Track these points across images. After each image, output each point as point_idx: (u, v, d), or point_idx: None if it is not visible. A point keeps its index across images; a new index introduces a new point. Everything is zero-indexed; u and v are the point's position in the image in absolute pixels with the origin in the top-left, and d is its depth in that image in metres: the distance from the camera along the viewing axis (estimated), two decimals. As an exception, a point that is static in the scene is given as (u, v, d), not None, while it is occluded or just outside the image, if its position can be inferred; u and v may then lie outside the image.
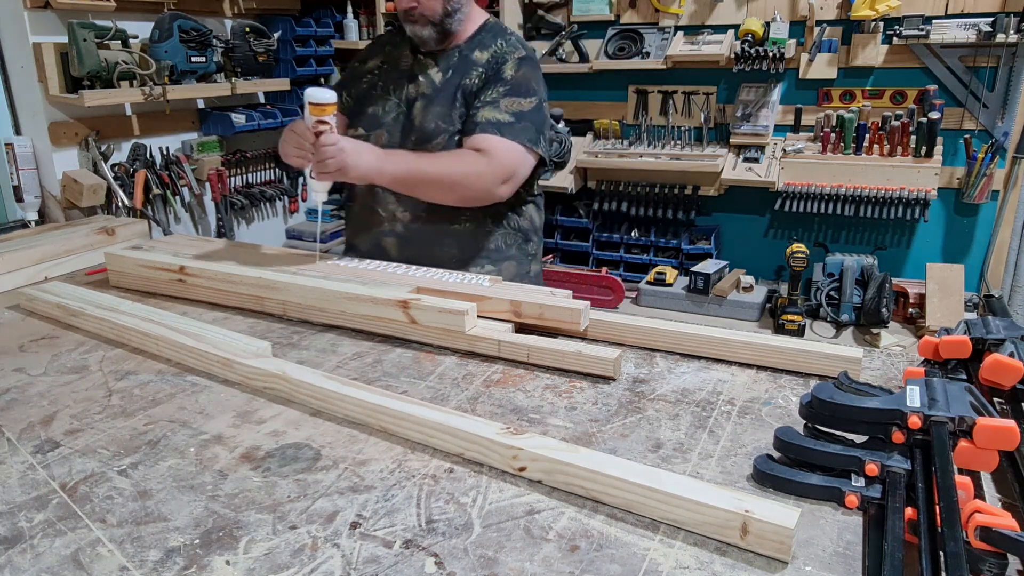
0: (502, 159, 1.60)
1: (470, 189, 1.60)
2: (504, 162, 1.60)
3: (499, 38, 1.73)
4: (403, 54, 1.78)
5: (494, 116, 1.63)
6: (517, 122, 1.63)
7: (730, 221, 3.71)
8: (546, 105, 1.72)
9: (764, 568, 0.74)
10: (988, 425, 0.79)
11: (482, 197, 1.63)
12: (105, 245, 1.86)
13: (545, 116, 1.70)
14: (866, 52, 3.20)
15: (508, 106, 1.64)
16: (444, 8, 1.65)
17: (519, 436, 0.90)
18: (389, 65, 1.79)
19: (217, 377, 1.18)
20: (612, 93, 3.79)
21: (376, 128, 1.74)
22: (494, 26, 1.77)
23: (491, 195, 1.62)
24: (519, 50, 1.71)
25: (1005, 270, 3.22)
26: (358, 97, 1.80)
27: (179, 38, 2.76)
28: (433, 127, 1.67)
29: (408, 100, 1.73)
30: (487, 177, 1.59)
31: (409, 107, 1.72)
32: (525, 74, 1.68)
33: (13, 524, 0.83)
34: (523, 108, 1.64)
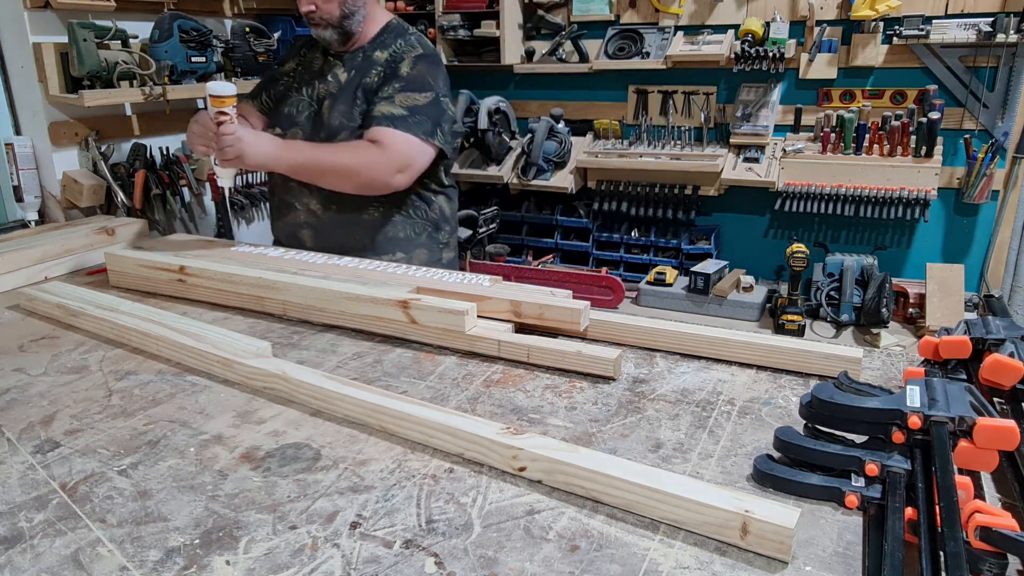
0: (396, 150, 1.70)
1: (365, 177, 1.71)
2: (398, 152, 1.71)
3: (399, 38, 1.83)
4: (316, 56, 1.91)
5: (389, 110, 1.73)
6: (411, 115, 1.73)
7: (730, 221, 3.71)
8: (446, 101, 1.81)
9: (764, 568, 0.74)
10: (988, 425, 0.79)
11: (378, 186, 1.74)
12: (105, 245, 1.86)
13: (443, 111, 1.79)
14: (866, 52, 3.20)
15: (403, 101, 1.74)
16: (341, 11, 1.76)
17: (519, 436, 0.90)
18: (303, 67, 1.93)
19: (217, 377, 1.18)
20: (612, 93, 3.79)
21: (292, 127, 1.87)
22: (396, 27, 1.87)
23: (386, 184, 1.73)
24: (416, 49, 1.81)
25: (1005, 270, 3.22)
26: (276, 98, 1.94)
27: (179, 38, 2.76)
28: (338, 123, 1.79)
29: (319, 99, 1.86)
30: (381, 167, 1.70)
31: (319, 105, 1.85)
32: (420, 71, 1.78)
33: (13, 524, 0.83)
34: (418, 103, 1.74)
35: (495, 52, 3.77)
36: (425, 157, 1.76)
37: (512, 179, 3.76)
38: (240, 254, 1.64)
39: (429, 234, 1.93)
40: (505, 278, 1.46)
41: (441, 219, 1.95)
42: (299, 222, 1.91)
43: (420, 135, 1.72)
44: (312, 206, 1.87)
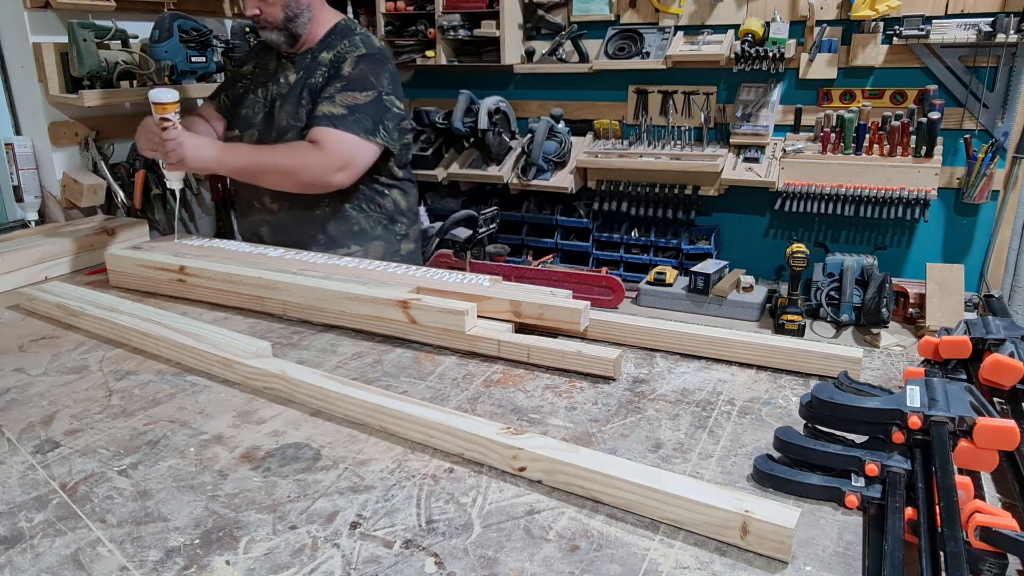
0: (334, 149, 1.75)
1: (303, 177, 1.76)
2: (336, 152, 1.75)
3: (345, 39, 1.88)
4: (271, 59, 1.97)
5: (329, 110, 1.78)
6: (351, 114, 1.77)
7: (730, 221, 3.70)
8: (390, 99, 1.84)
9: (764, 568, 0.74)
10: (988, 425, 0.79)
11: (318, 185, 1.79)
12: (105, 245, 1.86)
13: (387, 108, 1.82)
14: (866, 52, 3.20)
15: (343, 100, 1.78)
16: (285, 14, 1.82)
17: (519, 436, 0.90)
18: (259, 69, 2.00)
19: (217, 377, 1.18)
20: (612, 93, 3.78)
21: (248, 128, 1.94)
22: (343, 28, 1.92)
23: (326, 183, 1.78)
24: (359, 48, 1.85)
25: (1005, 270, 3.22)
26: (234, 99, 2.00)
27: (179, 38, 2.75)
28: (285, 124, 1.86)
29: (271, 100, 1.93)
30: (319, 166, 1.75)
31: (271, 107, 1.92)
32: (363, 70, 1.81)
33: (13, 524, 0.83)
34: (358, 101, 1.78)
35: (495, 52, 3.76)
36: (367, 155, 1.80)
37: (512, 179, 3.76)
38: (240, 254, 1.64)
39: (384, 226, 1.99)
40: (505, 278, 1.46)
41: (396, 212, 2.00)
42: (259, 220, 1.99)
43: (360, 133, 1.76)
44: (268, 204, 1.95)
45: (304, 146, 1.77)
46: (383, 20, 3.94)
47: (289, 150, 1.78)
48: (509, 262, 3.79)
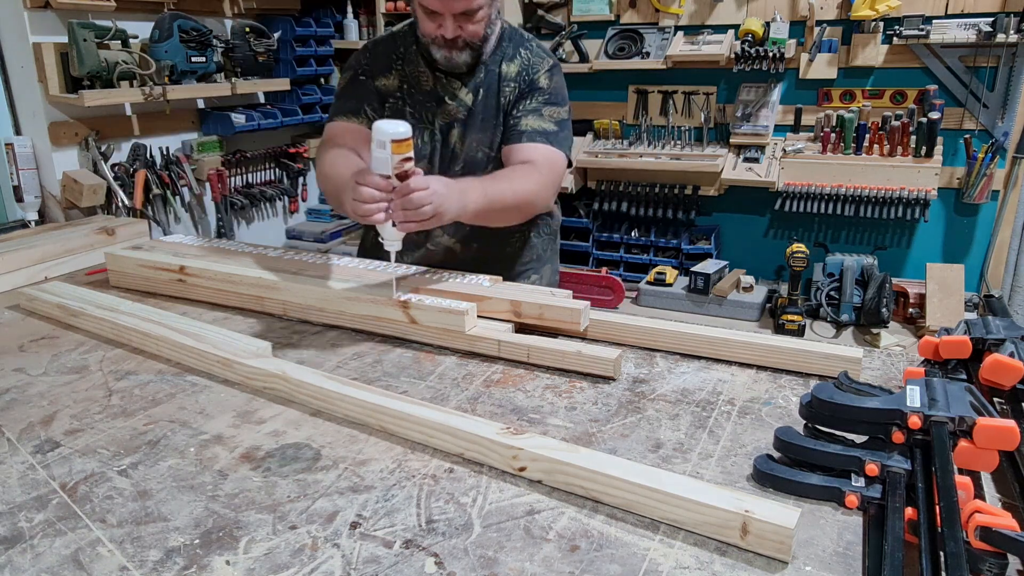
0: (552, 169, 1.54)
1: (536, 206, 1.56)
2: (555, 172, 1.56)
3: (521, 47, 1.63)
4: (421, 72, 1.61)
5: (540, 125, 1.55)
6: (561, 131, 1.57)
7: (730, 221, 3.71)
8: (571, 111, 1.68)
9: (764, 568, 0.74)
10: (988, 425, 0.79)
11: (539, 211, 1.62)
12: (105, 245, 1.86)
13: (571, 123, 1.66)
14: (866, 52, 3.20)
15: (551, 114, 1.57)
16: (485, 32, 1.52)
17: (519, 436, 0.90)
18: (410, 85, 1.61)
19: (217, 377, 1.18)
20: (612, 93, 3.78)
21: (419, 160, 1.52)
22: (511, 34, 1.66)
23: (547, 208, 1.64)
24: (547, 58, 1.64)
25: (1005, 270, 3.22)
26: None
27: (179, 38, 2.76)
28: (481, 156, 1.60)
29: (442, 127, 1.61)
30: (547, 191, 1.55)
31: (444, 134, 1.61)
32: (559, 82, 1.63)
33: (13, 524, 0.83)
34: (563, 116, 1.60)
35: (495, 52, 3.76)
36: (566, 174, 1.64)
37: (512, 179, 3.75)
38: (240, 254, 1.64)
39: (551, 247, 1.82)
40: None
41: (558, 227, 1.86)
42: (430, 261, 1.67)
43: (567, 151, 1.58)
44: (447, 243, 1.67)
45: (527, 170, 1.49)
46: (383, 20, 3.94)
47: (518, 177, 1.48)
48: (509, 262, 3.78)
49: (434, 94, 1.60)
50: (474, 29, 1.49)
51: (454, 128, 1.61)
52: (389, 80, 1.62)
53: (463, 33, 1.49)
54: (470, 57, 1.54)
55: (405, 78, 1.62)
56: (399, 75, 1.62)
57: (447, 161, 1.62)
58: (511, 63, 1.60)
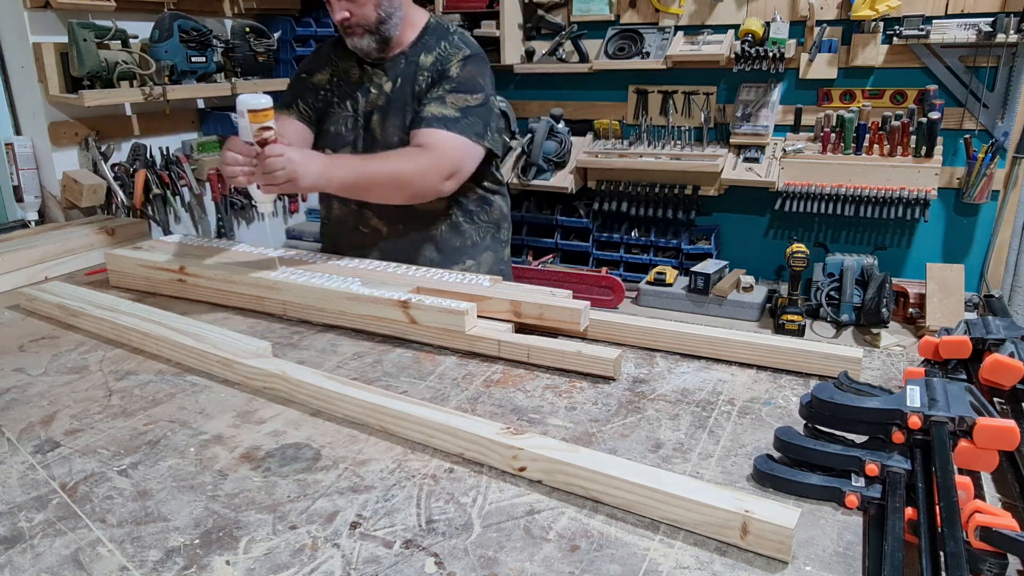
0: (446, 154, 1.61)
1: (416, 187, 1.61)
2: (448, 157, 1.61)
3: (442, 40, 1.73)
4: (351, 66, 1.76)
5: (440, 111, 1.63)
6: (463, 117, 1.64)
7: (730, 221, 3.70)
8: (494, 100, 1.74)
9: (764, 568, 0.74)
10: (988, 425, 0.79)
11: (428, 194, 1.65)
12: (105, 245, 1.86)
13: (492, 110, 1.72)
14: (866, 52, 3.20)
15: (454, 101, 1.65)
16: (378, 15, 1.63)
17: (519, 436, 0.90)
18: (339, 78, 1.78)
19: (217, 377, 1.18)
20: (612, 93, 3.78)
21: (343, 146, 1.74)
22: (437, 27, 1.76)
23: (437, 191, 1.65)
24: (464, 49, 1.71)
25: (1005, 270, 3.22)
26: (317, 115, 1.80)
27: (179, 38, 2.76)
28: (396, 139, 1.69)
29: (365, 113, 1.74)
30: (432, 174, 1.60)
31: (366, 120, 1.73)
32: (471, 71, 1.69)
33: (13, 524, 0.83)
34: (469, 104, 1.66)
35: (495, 52, 3.76)
36: (474, 160, 1.68)
37: (512, 179, 3.76)
38: (240, 254, 1.64)
39: (492, 235, 1.88)
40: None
41: (501, 218, 1.90)
42: (364, 245, 1.79)
43: (471, 137, 1.64)
44: (377, 226, 1.77)
45: (413, 152, 1.60)
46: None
47: (398, 157, 1.59)
48: (509, 262, 3.79)
49: (360, 84, 1.75)
50: (362, 12, 1.62)
51: (375, 115, 1.72)
52: (322, 75, 1.80)
53: (353, 17, 1.62)
54: (375, 42, 1.67)
55: (336, 72, 1.79)
56: (331, 70, 1.80)
57: (369, 145, 1.73)
58: (429, 54, 1.71)
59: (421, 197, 1.65)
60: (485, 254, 1.86)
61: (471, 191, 1.78)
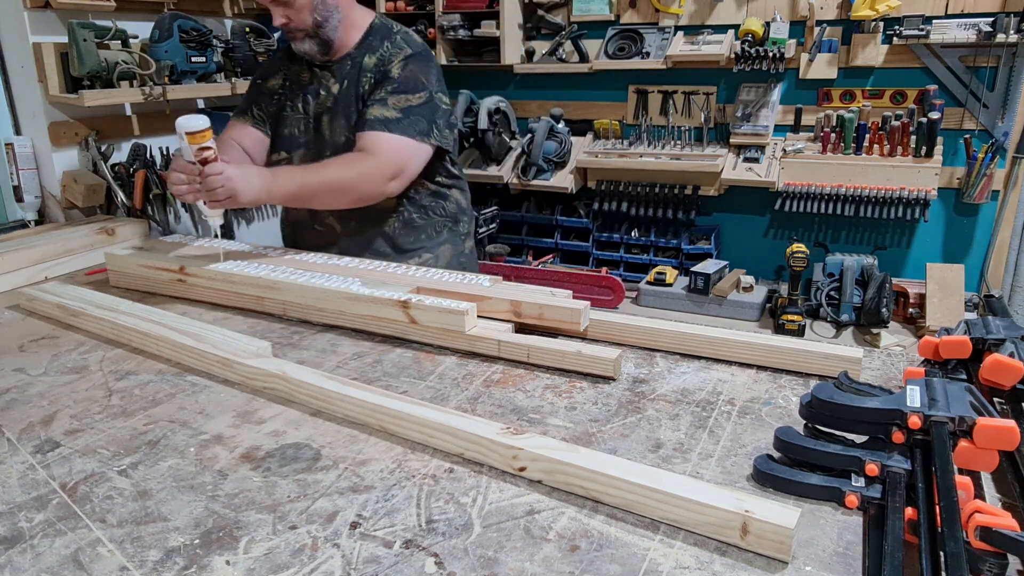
0: (389, 156, 1.64)
1: (359, 191, 1.64)
2: (391, 159, 1.64)
3: (385, 40, 1.75)
4: (302, 69, 1.81)
5: (382, 113, 1.66)
6: (405, 117, 1.66)
7: (730, 221, 3.70)
8: (440, 96, 1.75)
9: (764, 568, 0.74)
10: (988, 425, 0.79)
11: (372, 196, 1.67)
12: (105, 245, 1.86)
13: (437, 107, 1.73)
14: (866, 52, 3.20)
15: (396, 103, 1.67)
16: (314, 18, 1.67)
17: (519, 436, 0.90)
18: (291, 82, 1.83)
19: (217, 377, 1.18)
20: (612, 93, 3.78)
21: (297, 149, 1.79)
22: (380, 27, 1.78)
23: (380, 193, 1.67)
24: (405, 49, 1.74)
25: (1005, 270, 3.22)
26: (272, 119, 1.85)
27: (179, 38, 2.75)
28: (344, 140, 1.72)
29: (315, 115, 1.78)
30: (374, 177, 1.63)
31: (317, 122, 1.78)
32: (412, 71, 1.71)
33: (13, 524, 0.83)
34: (411, 103, 1.68)
35: (495, 52, 3.76)
36: (420, 158, 1.71)
37: (512, 179, 3.76)
38: (240, 254, 1.64)
39: (450, 228, 1.90)
40: (505, 278, 1.46)
41: (459, 211, 1.92)
42: (320, 243, 1.83)
43: (415, 136, 1.67)
44: (333, 225, 1.82)
45: (355, 157, 1.64)
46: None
47: (339, 164, 1.63)
48: (509, 262, 3.79)
49: (310, 87, 1.79)
50: (299, 17, 1.66)
51: (324, 116, 1.76)
52: (276, 80, 1.86)
53: (291, 22, 1.67)
54: (317, 45, 1.71)
55: (288, 76, 1.84)
56: (284, 74, 1.85)
57: (319, 146, 1.77)
58: (373, 55, 1.74)
59: (366, 200, 1.68)
60: (443, 247, 1.88)
61: (423, 187, 1.81)
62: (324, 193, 1.62)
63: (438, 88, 1.75)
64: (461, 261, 1.93)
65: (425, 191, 1.82)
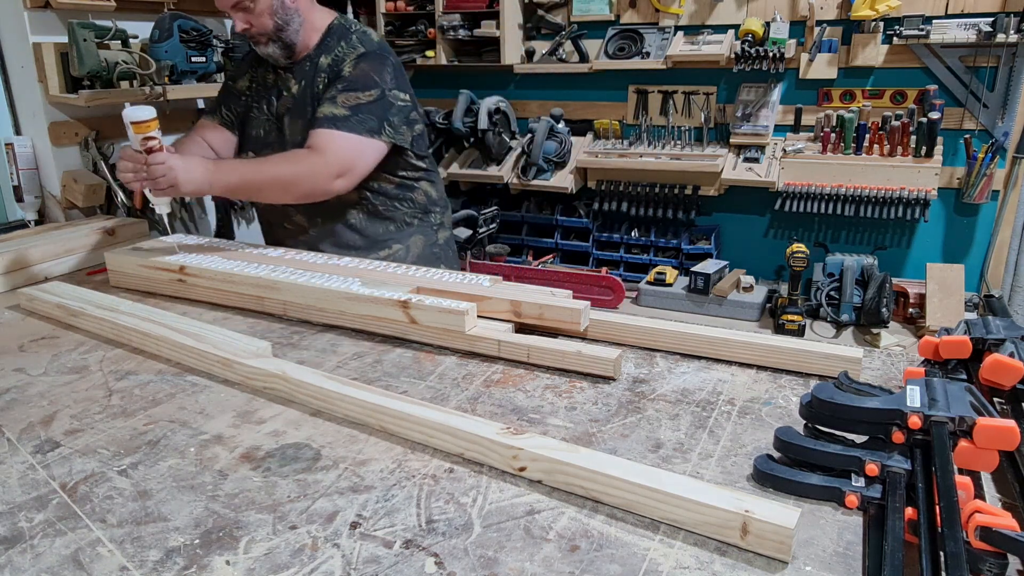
0: (334, 154, 1.65)
1: (303, 187, 1.66)
2: (337, 157, 1.65)
3: (342, 40, 1.78)
4: (267, 71, 1.85)
5: (331, 111, 1.68)
6: (354, 115, 1.68)
7: (730, 221, 3.71)
8: (395, 93, 1.75)
9: (764, 568, 0.74)
10: (988, 425, 0.79)
11: (317, 193, 1.69)
12: (105, 245, 1.86)
13: (391, 104, 1.73)
14: (866, 52, 3.20)
15: (345, 100, 1.69)
16: (275, 23, 1.70)
17: (519, 436, 0.90)
18: (258, 84, 1.88)
19: (217, 377, 1.18)
20: (612, 93, 3.79)
21: (263, 149, 1.83)
22: (338, 28, 1.80)
23: (326, 190, 1.68)
24: (358, 48, 1.76)
25: (1005, 270, 3.22)
26: (240, 119, 1.90)
27: (179, 38, 2.75)
28: (302, 140, 1.74)
29: (278, 116, 1.82)
30: (319, 174, 1.65)
31: (279, 122, 1.82)
32: (363, 69, 1.73)
33: (13, 524, 0.83)
34: (360, 101, 1.69)
35: (495, 52, 3.77)
36: (370, 156, 1.71)
37: (512, 179, 3.76)
38: (240, 254, 1.64)
39: (420, 219, 1.92)
40: (505, 278, 1.45)
41: (429, 203, 1.93)
42: (290, 239, 1.89)
43: (364, 133, 1.68)
44: (300, 221, 1.86)
45: (301, 154, 1.67)
46: (383, 20, 3.94)
47: (285, 160, 1.67)
48: (509, 262, 3.79)
49: (274, 88, 1.84)
50: (260, 22, 1.69)
51: (286, 117, 1.81)
52: (244, 81, 1.91)
53: (252, 28, 1.70)
54: (279, 49, 1.75)
55: (255, 78, 1.89)
56: (251, 76, 1.90)
57: (283, 146, 1.80)
58: (328, 56, 1.77)
59: (312, 197, 1.70)
60: (413, 238, 1.90)
61: (386, 181, 1.83)
62: (268, 188, 1.65)
63: (394, 85, 1.76)
64: (434, 252, 1.94)
65: (388, 185, 1.84)
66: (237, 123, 1.92)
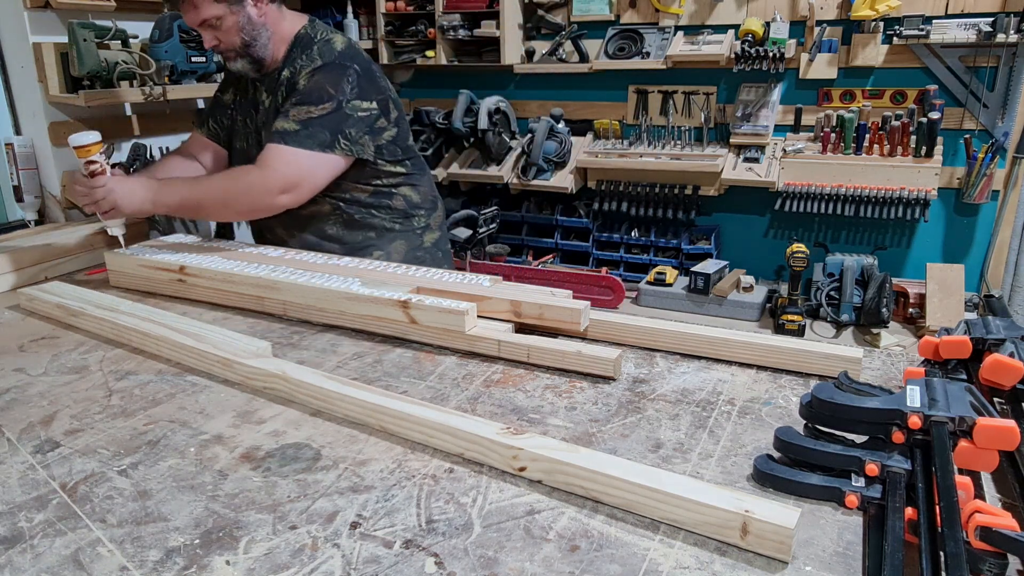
0: (277, 169, 1.64)
1: (243, 204, 1.68)
2: (281, 172, 1.64)
3: (304, 52, 1.74)
4: (247, 84, 1.87)
5: (281, 125, 1.67)
6: (304, 129, 1.66)
7: (730, 221, 3.71)
8: (354, 104, 1.70)
9: (764, 568, 0.74)
10: (988, 425, 0.79)
11: (260, 209, 1.70)
12: (105, 245, 1.86)
13: (347, 116, 1.69)
14: (866, 52, 3.20)
15: (296, 115, 1.67)
16: (242, 39, 1.70)
17: (519, 436, 0.90)
18: (239, 96, 1.90)
19: (217, 377, 1.18)
20: (612, 93, 3.78)
21: (248, 161, 1.79)
22: (303, 38, 1.77)
23: (269, 206, 1.68)
24: (315, 61, 1.72)
25: (1005, 270, 3.22)
26: (227, 132, 1.92)
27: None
28: None
29: (257, 129, 1.84)
30: (259, 190, 1.64)
31: (258, 135, 1.83)
32: (318, 81, 1.70)
33: (13, 524, 0.83)
34: (312, 115, 1.67)
35: (495, 52, 3.76)
36: (323, 170, 1.69)
37: (512, 179, 3.76)
38: (240, 254, 1.64)
39: (402, 224, 1.90)
40: (505, 278, 1.46)
41: (410, 207, 1.90)
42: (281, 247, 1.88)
43: (314, 148, 1.65)
44: (280, 233, 1.87)
45: (243, 170, 1.68)
46: (383, 20, 3.94)
47: (226, 177, 1.69)
48: (509, 262, 3.79)
49: (253, 101, 1.85)
50: (228, 39, 1.70)
51: (262, 130, 1.81)
52: (229, 95, 1.93)
53: (221, 44, 1.71)
54: (249, 64, 1.75)
55: (238, 91, 1.91)
56: (235, 89, 1.92)
57: None
58: (291, 68, 1.75)
59: (256, 213, 1.72)
60: (395, 243, 1.90)
61: (358, 191, 1.81)
62: (208, 205, 1.67)
63: (354, 96, 1.71)
64: (418, 256, 1.92)
65: (362, 194, 1.82)
66: (225, 136, 1.93)
